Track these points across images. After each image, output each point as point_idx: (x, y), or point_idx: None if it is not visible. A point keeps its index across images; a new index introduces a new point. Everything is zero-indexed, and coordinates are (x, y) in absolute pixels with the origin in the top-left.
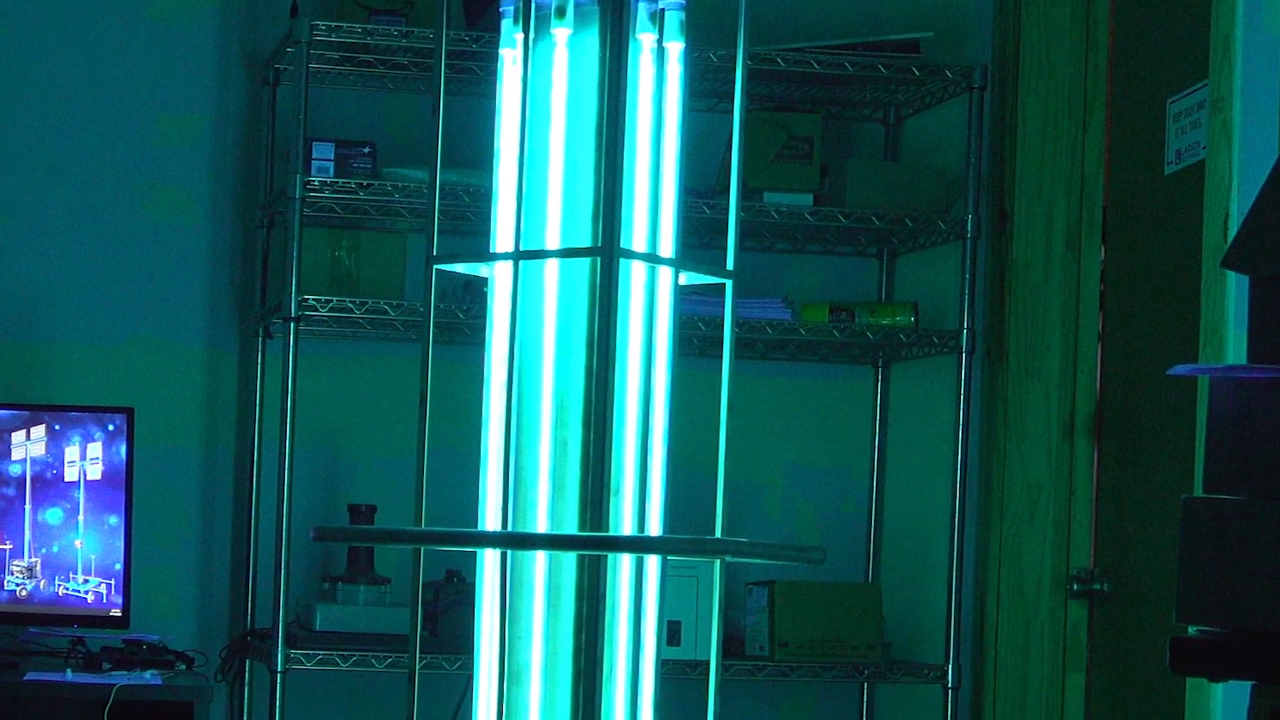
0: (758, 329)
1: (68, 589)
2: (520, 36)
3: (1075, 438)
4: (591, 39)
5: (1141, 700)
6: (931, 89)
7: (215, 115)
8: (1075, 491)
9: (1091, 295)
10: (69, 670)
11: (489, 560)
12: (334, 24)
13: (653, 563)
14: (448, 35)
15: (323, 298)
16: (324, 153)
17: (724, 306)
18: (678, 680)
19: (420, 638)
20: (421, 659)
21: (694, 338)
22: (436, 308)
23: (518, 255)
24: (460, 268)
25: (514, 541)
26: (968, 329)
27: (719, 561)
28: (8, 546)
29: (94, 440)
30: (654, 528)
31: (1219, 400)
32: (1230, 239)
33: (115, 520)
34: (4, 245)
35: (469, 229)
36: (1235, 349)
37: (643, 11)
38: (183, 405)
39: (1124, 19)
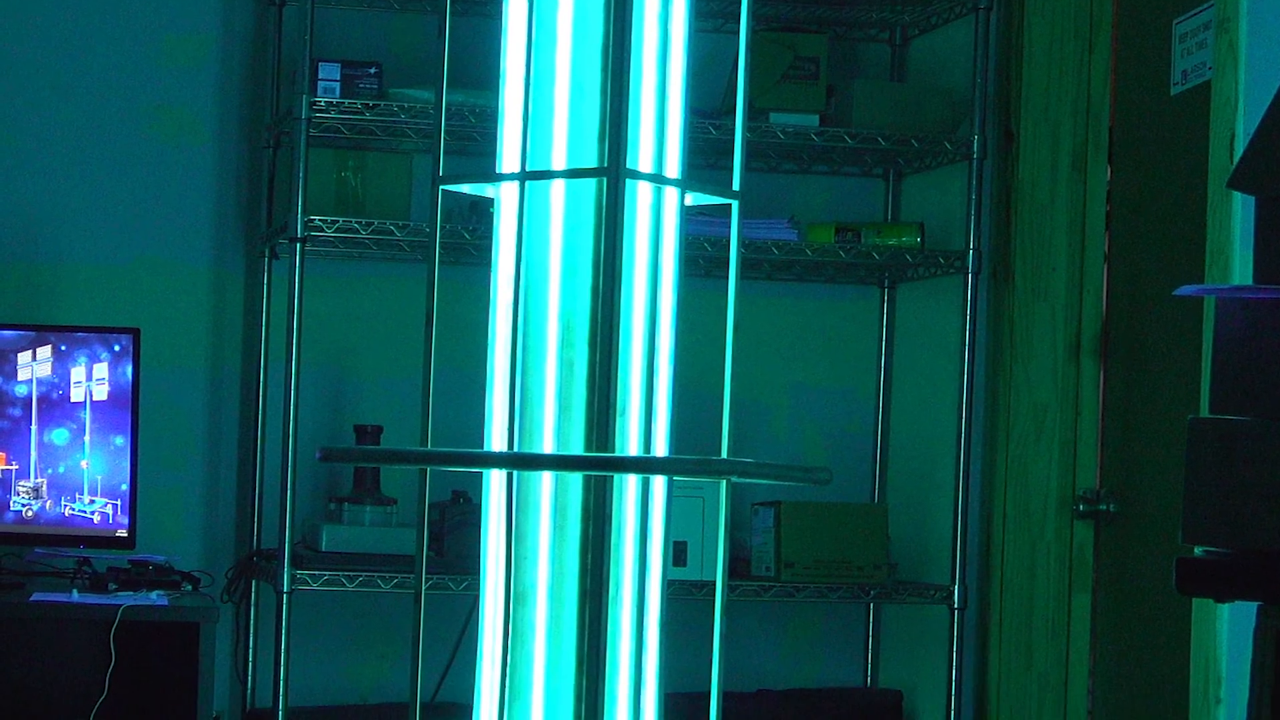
0: (763, 249)
1: (74, 509)
2: None
3: (1081, 358)
4: None
5: (1147, 621)
6: (938, 9)
7: (221, 35)
8: (1081, 412)
9: (1097, 216)
10: (75, 591)
11: (495, 481)
12: None
13: (659, 483)
14: None
15: (329, 218)
16: (330, 73)
17: (730, 227)
18: (684, 601)
19: (426, 558)
20: (427, 579)
21: (700, 258)
22: (442, 228)
23: (524, 176)
24: (466, 188)
25: (520, 462)
26: (973, 249)
27: (725, 482)
28: (14, 467)
29: (100, 361)
30: (660, 448)
31: (1225, 321)
32: (1236, 160)
33: (121, 441)
34: (11, 166)
35: (475, 150)
36: (1241, 269)
37: None
38: (189, 326)
39: None
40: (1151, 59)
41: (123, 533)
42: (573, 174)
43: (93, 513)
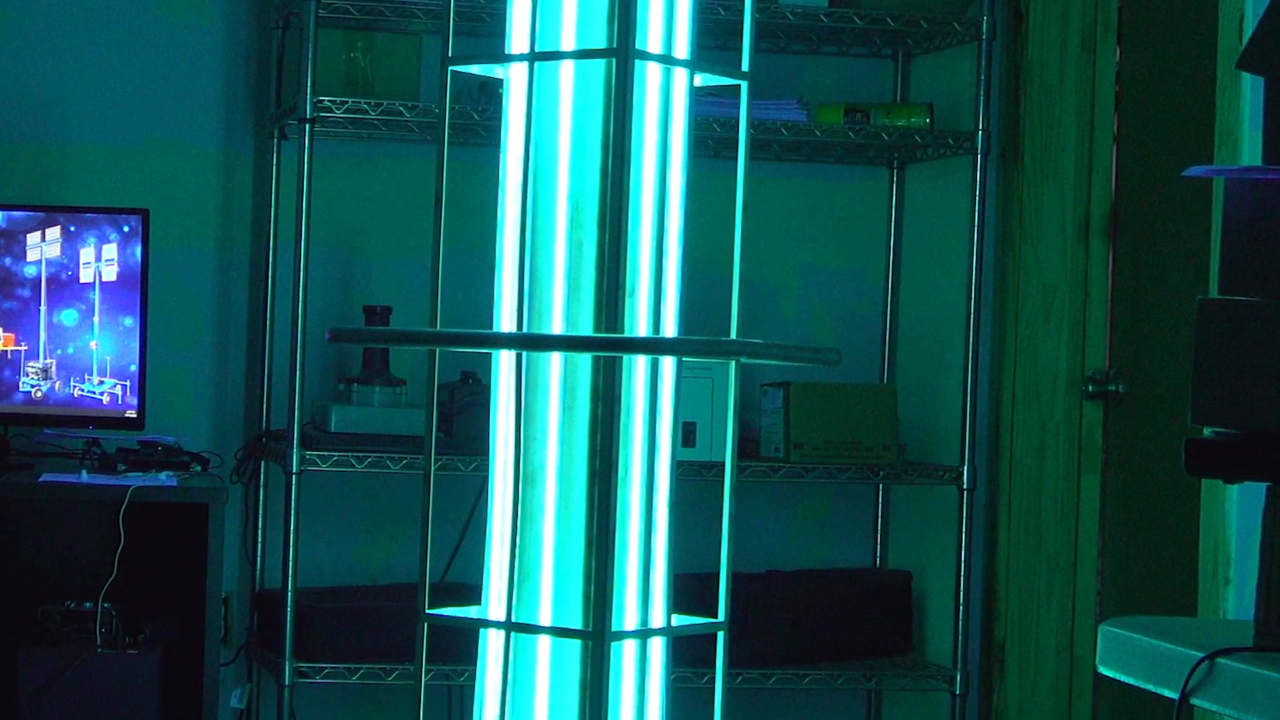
0: (773, 130)
1: (83, 390)
2: None
3: (1090, 239)
4: None
5: (1157, 501)
6: None
7: None
8: (1090, 293)
9: (1106, 97)
10: (84, 472)
11: (504, 361)
12: None
13: (667, 364)
14: None
15: (338, 99)
16: None
17: (739, 108)
18: (693, 482)
19: (435, 439)
20: (436, 460)
21: (709, 139)
22: (452, 109)
23: (533, 57)
24: (476, 69)
25: (529, 343)
26: (983, 130)
27: (734, 363)
28: (23, 348)
29: (109, 242)
30: (669, 329)
31: (1234, 202)
32: (1245, 40)
33: (130, 322)
34: (20, 46)
35: (484, 30)
36: (1250, 150)
37: None
38: (198, 207)
39: None
40: None
41: (132, 413)
42: (582, 55)
43: (102, 393)
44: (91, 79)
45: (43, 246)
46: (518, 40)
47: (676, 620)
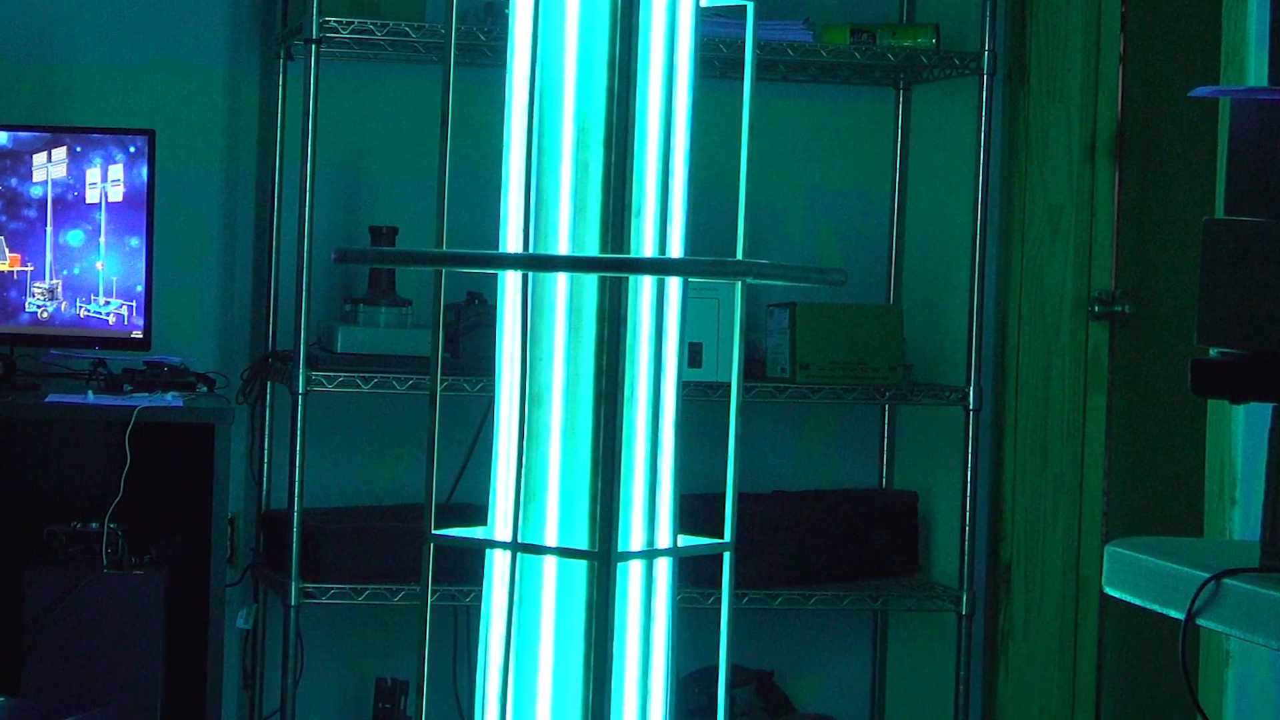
0: (779, 51)
1: (89, 311)
2: None
3: (1096, 160)
4: None
5: (1163, 422)
6: None
7: None
8: (1096, 214)
9: (1113, 17)
10: (90, 392)
11: (510, 282)
12: None
13: (674, 284)
14: None
15: (343, 20)
16: None
17: (745, 28)
18: (699, 402)
19: (441, 359)
20: (443, 381)
21: (715, 60)
22: (458, 29)
23: None
24: None
25: (535, 263)
26: (989, 51)
27: (740, 283)
28: (29, 269)
29: (115, 162)
30: (675, 249)
31: (1240, 122)
32: None
33: (136, 242)
34: None
35: None
36: (1257, 71)
37: None
38: (204, 127)
39: None
40: None
41: (138, 334)
42: None
43: (108, 314)
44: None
45: (49, 167)
46: None
47: (683, 541)
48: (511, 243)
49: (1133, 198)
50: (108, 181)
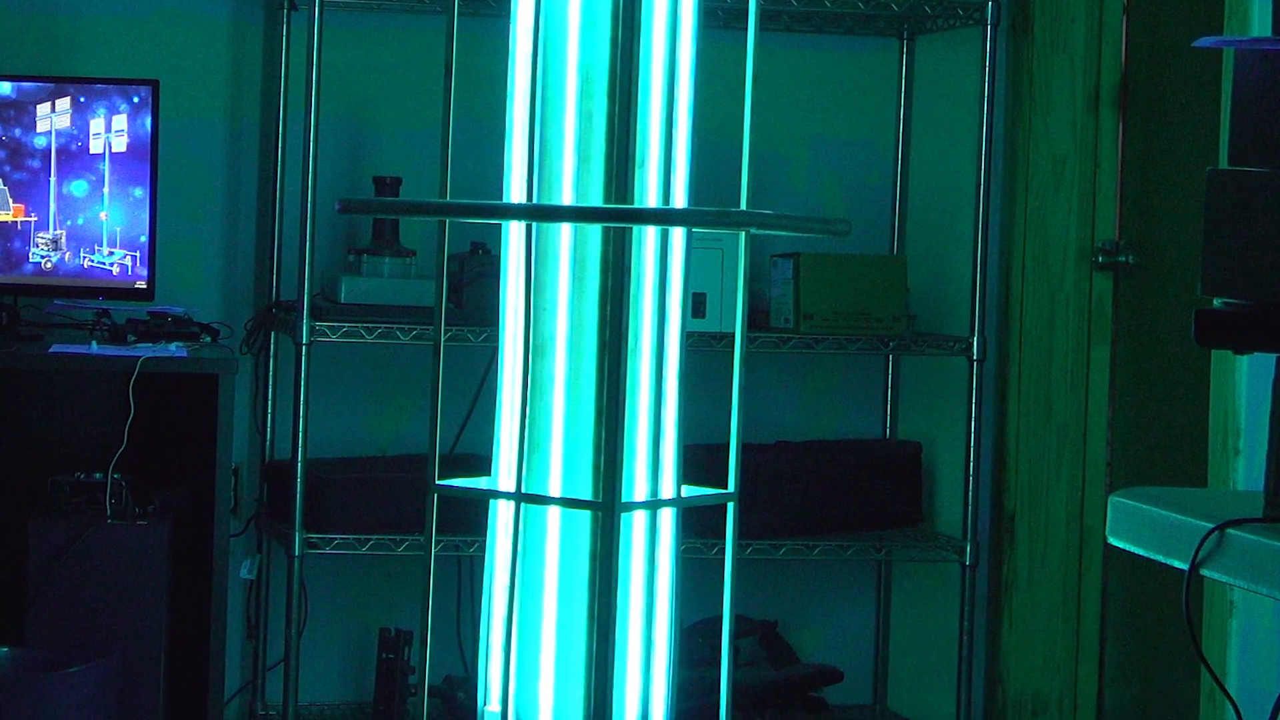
0: (783, 1)
1: (93, 261)
2: None
3: (1100, 110)
4: None
5: (1166, 372)
6: None
7: None
8: (1100, 164)
9: None
10: (94, 343)
11: (514, 233)
12: None
13: (677, 235)
14: None
15: None
16: None
17: None
18: (703, 353)
19: (445, 310)
20: (446, 331)
21: (719, 10)
22: None
23: None
24: None
25: (539, 214)
26: (992, 1)
27: (744, 233)
28: (33, 219)
29: (119, 113)
30: (679, 200)
31: (1244, 73)
32: None
33: (140, 193)
34: None
35: None
36: (1260, 21)
37: None
38: (208, 78)
39: None
40: None
41: (142, 284)
42: None
43: (112, 264)
44: None
45: (52, 118)
46: None
47: (686, 491)
48: (515, 193)
49: (1136, 148)
50: (111, 132)
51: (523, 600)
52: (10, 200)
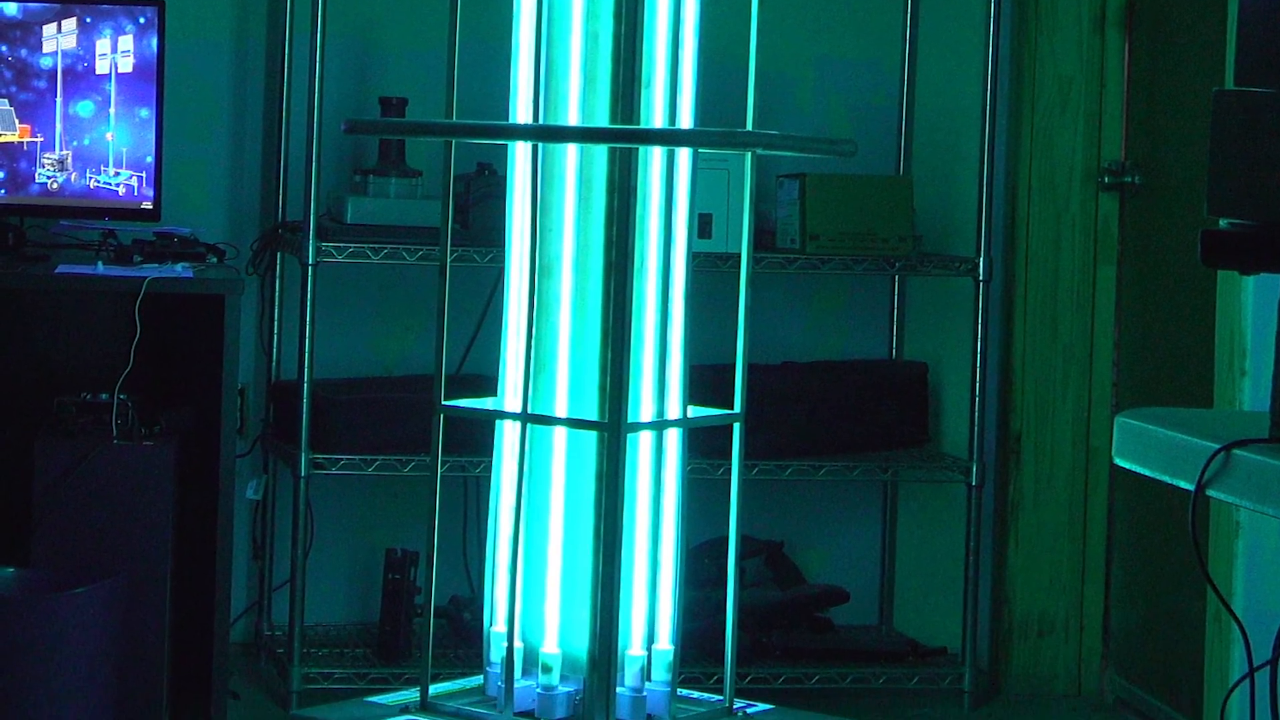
0: None
1: (99, 182)
2: None
3: (1106, 30)
4: None
5: (1172, 293)
6: None
7: None
8: (1106, 84)
9: None
10: (100, 263)
11: (520, 153)
12: None
13: (683, 155)
14: None
15: None
16: None
17: None
18: (709, 273)
19: (451, 230)
20: (452, 252)
21: None
22: None
23: None
24: None
25: (545, 134)
26: None
27: (750, 154)
28: (39, 140)
29: (125, 33)
30: (685, 120)
31: None
32: None
33: (146, 113)
34: None
35: None
36: None
37: None
38: None
39: None
40: None
41: (148, 205)
42: None
43: (118, 185)
44: None
45: (58, 38)
46: None
47: (693, 412)
48: (521, 114)
49: (1143, 68)
50: (117, 52)
51: (529, 521)
52: (16, 121)
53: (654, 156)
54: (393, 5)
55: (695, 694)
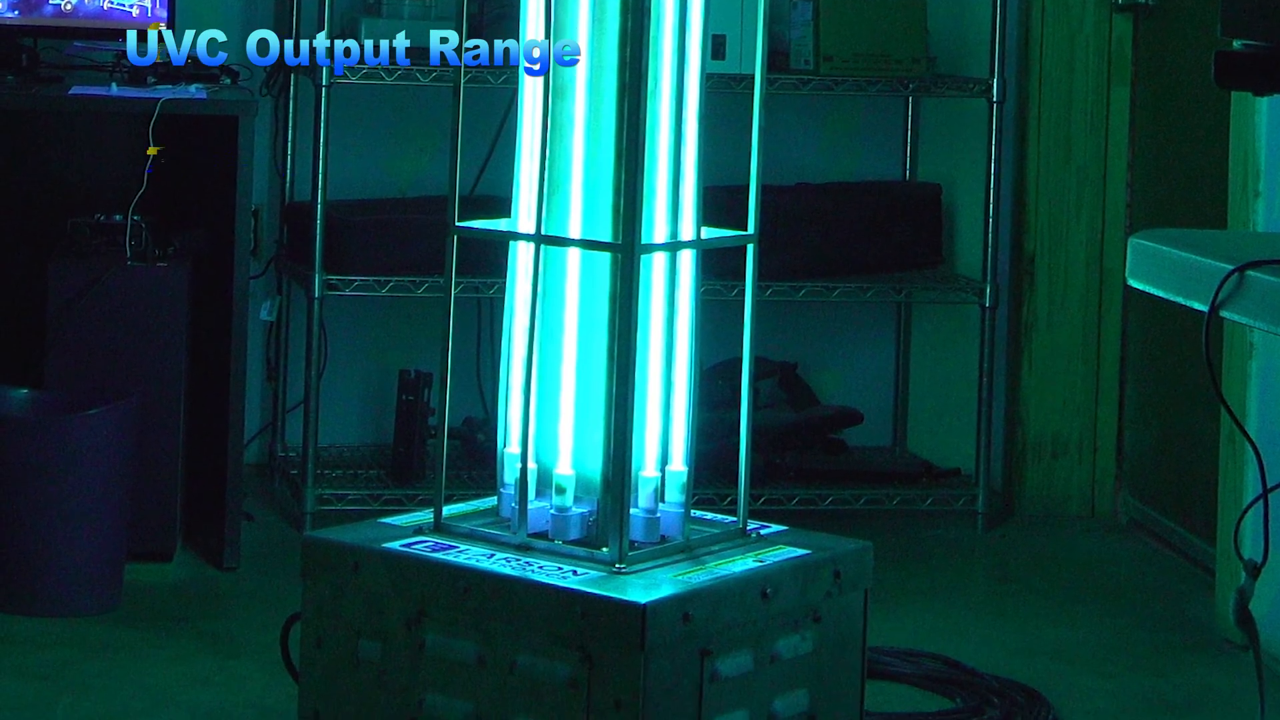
0: None
1: (112, 2)
2: None
3: None
4: None
5: (1186, 114)
6: None
7: None
8: None
9: None
10: (114, 84)
11: None
12: None
13: None
14: None
15: None
16: None
17: None
18: (722, 94)
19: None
20: (466, 72)
21: None
22: None
23: None
24: None
25: None
26: None
27: None
28: None
29: None
30: None
31: None
32: None
33: None
34: None
35: None
36: None
37: None
38: None
39: None
40: None
41: (162, 25)
42: None
43: (131, 5)
44: None
45: None
46: None
47: (706, 233)
48: None
49: None
50: None
51: (542, 342)
52: None
53: None
54: None
55: (709, 515)
